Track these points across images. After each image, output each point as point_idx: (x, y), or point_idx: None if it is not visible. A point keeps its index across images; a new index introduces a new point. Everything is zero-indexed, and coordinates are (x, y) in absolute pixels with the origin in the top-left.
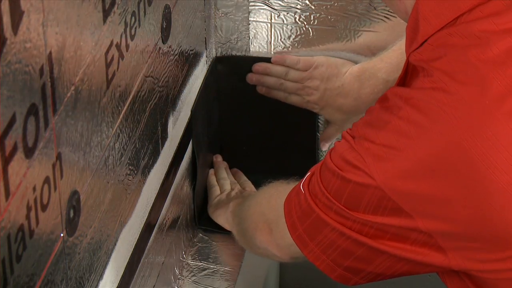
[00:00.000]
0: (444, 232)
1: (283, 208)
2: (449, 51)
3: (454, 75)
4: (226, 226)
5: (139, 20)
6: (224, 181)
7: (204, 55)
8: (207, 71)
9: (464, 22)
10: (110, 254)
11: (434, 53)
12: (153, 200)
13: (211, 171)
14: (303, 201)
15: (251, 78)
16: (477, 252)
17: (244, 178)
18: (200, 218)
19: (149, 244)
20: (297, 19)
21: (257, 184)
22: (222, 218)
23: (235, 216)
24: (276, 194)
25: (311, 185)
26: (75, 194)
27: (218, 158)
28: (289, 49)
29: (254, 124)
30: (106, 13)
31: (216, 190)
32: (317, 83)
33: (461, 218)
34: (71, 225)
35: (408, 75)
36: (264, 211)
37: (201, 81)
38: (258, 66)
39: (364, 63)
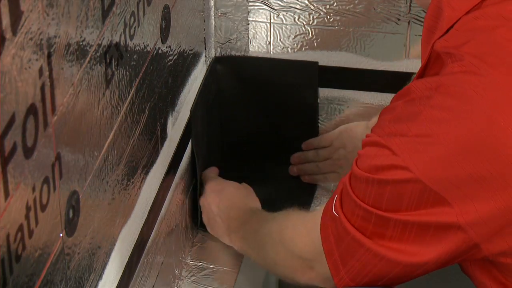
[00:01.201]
0: (481, 220)
1: (320, 238)
2: (476, 35)
3: (484, 57)
4: (227, 243)
5: (138, 20)
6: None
7: (203, 55)
8: (207, 71)
9: (489, 5)
10: (110, 254)
11: (462, 38)
12: (152, 200)
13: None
14: (339, 223)
15: (292, 170)
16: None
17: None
18: (201, 219)
19: (148, 244)
20: (296, 19)
21: (257, 184)
22: (222, 234)
23: (250, 254)
24: (299, 233)
25: (344, 205)
26: (74, 194)
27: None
28: (288, 49)
29: (254, 124)
30: (105, 13)
31: (212, 181)
32: (342, 152)
33: (499, 197)
34: (71, 225)
35: (429, 65)
36: (297, 255)
37: (201, 81)
38: (296, 158)
39: (374, 119)
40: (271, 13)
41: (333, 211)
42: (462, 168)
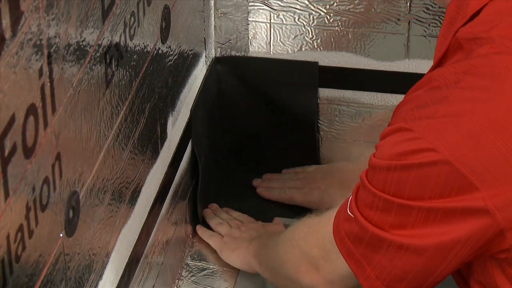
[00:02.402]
0: (509, 202)
1: (334, 239)
2: (505, 17)
3: None
4: (248, 269)
5: (138, 20)
6: (220, 226)
7: (204, 55)
8: (207, 71)
9: None
10: (110, 255)
11: (490, 22)
12: (152, 200)
13: (199, 228)
14: (354, 224)
15: (256, 181)
16: None
17: (236, 213)
18: (201, 219)
19: (148, 244)
20: (296, 19)
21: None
22: (241, 262)
23: (262, 261)
24: (311, 231)
25: (359, 201)
26: (74, 194)
27: (207, 212)
28: (288, 49)
29: (254, 124)
30: (105, 13)
31: (216, 237)
32: (320, 175)
33: None
34: (71, 225)
35: (448, 55)
36: (304, 252)
37: (201, 81)
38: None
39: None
40: (271, 13)
41: (348, 211)
42: (492, 147)
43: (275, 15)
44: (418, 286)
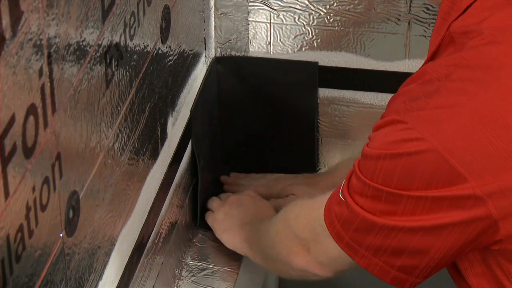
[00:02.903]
0: (499, 190)
1: (324, 222)
2: (494, 12)
3: (504, 28)
4: (237, 251)
5: (138, 20)
6: (211, 202)
7: (204, 55)
8: (207, 71)
9: None
10: (110, 254)
11: (481, 15)
12: (152, 200)
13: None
14: (345, 208)
15: (224, 177)
16: None
17: (245, 180)
18: (201, 221)
19: (148, 244)
20: (296, 19)
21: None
22: (231, 244)
23: (253, 244)
24: (304, 213)
25: (351, 188)
26: (74, 194)
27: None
28: (288, 49)
29: (254, 124)
30: (105, 13)
31: (208, 213)
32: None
33: None
34: (71, 225)
35: (441, 48)
36: (295, 233)
37: (201, 81)
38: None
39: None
40: (271, 13)
41: (340, 195)
42: (482, 138)
43: (275, 15)
44: (415, 264)
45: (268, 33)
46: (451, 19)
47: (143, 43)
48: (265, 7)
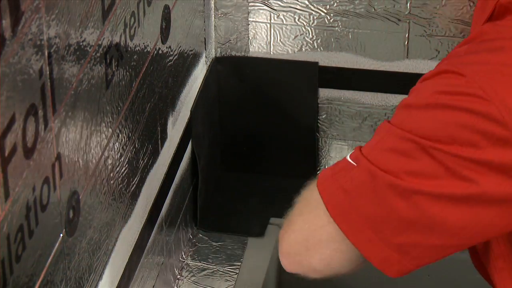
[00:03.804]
0: None
1: (322, 199)
2: None
3: None
4: None
5: (138, 21)
6: None
7: (204, 55)
8: (207, 71)
9: None
10: (110, 255)
11: None
12: (152, 200)
13: None
14: (356, 173)
15: None
16: None
17: None
18: (201, 221)
19: (148, 244)
20: (296, 20)
21: (256, 184)
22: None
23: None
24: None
25: (373, 151)
26: (74, 194)
27: None
28: (288, 49)
29: (254, 124)
30: (105, 13)
31: None
32: None
33: None
34: (71, 225)
35: (493, 19)
36: (304, 236)
37: (201, 82)
38: None
39: None
40: (271, 14)
41: (348, 159)
42: None
43: (275, 15)
44: (418, 242)
45: (268, 33)
46: None
47: (143, 43)
48: (265, 7)
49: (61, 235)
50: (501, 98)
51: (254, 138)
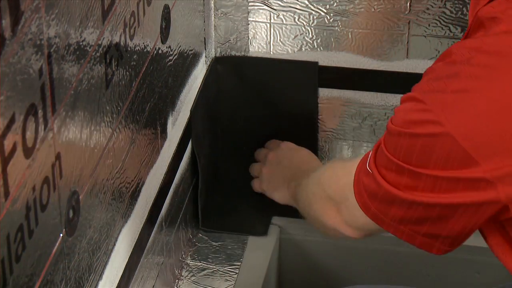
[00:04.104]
0: (509, 176)
1: (353, 191)
2: None
3: None
4: (294, 206)
5: (138, 20)
6: (251, 169)
7: (203, 55)
8: (207, 71)
9: None
10: (110, 254)
11: (509, 3)
12: (152, 200)
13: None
14: (372, 179)
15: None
16: None
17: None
18: (203, 220)
19: (148, 244)
20: (296, 19)
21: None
22: (284, 201)
23: (298, 201)
24: (335, 177)
25: (377, 160)
26: (74, 194)
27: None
28: (288, 49)
29: (254, 124)
30: (105, 13)
31: (255, 181)
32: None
33: None
34: (71, 225)
35: (470, 33)
36: (328, 195)
37: (201, 81)
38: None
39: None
40: (271, 13)
41: (367, 167)
42: (494, 125)
43: (275, 15)
44: (437, 232)
45: (268, 33)
46: (482, 3)
47: (143, 43)
48: (265, 7)
49: (61, 235)
50: (452, 124)
51: (254, 138)
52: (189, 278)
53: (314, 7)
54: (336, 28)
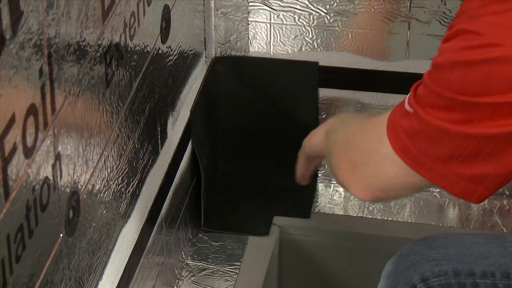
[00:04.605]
0: None
1: (384, 139)
2: None
3: None
4: (316, 153)
5: (138, 21)
6: None
7: (204, 55)
8: (207, 71)
9: None
10: (110, 254)
11: None
12: (152, 200)
13: None
14: (414, 118)
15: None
16: None
17: None
18: (206, 221)
19: (148, 244)
20: (296, 20)
21: (257, 184)
22: (311, 146)
23: (323, 148)
24: (360, 131)
25: (420, 100)
26: (74, 194)
27: None
28: (288, 49)
29: (254, 124)
30: (105, 13)
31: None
32: None
33: None
34: (71, 225)
35: None
36: (347, 151)
37: (201, 81)
38: None
39: None
40: (271, 14)
41: (406, 107)
42: None
43: (275, 15)
44: (487, 172)
45: (268, 33)
46: None
47: (143, 43)
48: (265, 7)
49: (61, 235)
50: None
51: (254, 138)
52: (189, 278)
53: (314, 7)
54: (336, 28)
